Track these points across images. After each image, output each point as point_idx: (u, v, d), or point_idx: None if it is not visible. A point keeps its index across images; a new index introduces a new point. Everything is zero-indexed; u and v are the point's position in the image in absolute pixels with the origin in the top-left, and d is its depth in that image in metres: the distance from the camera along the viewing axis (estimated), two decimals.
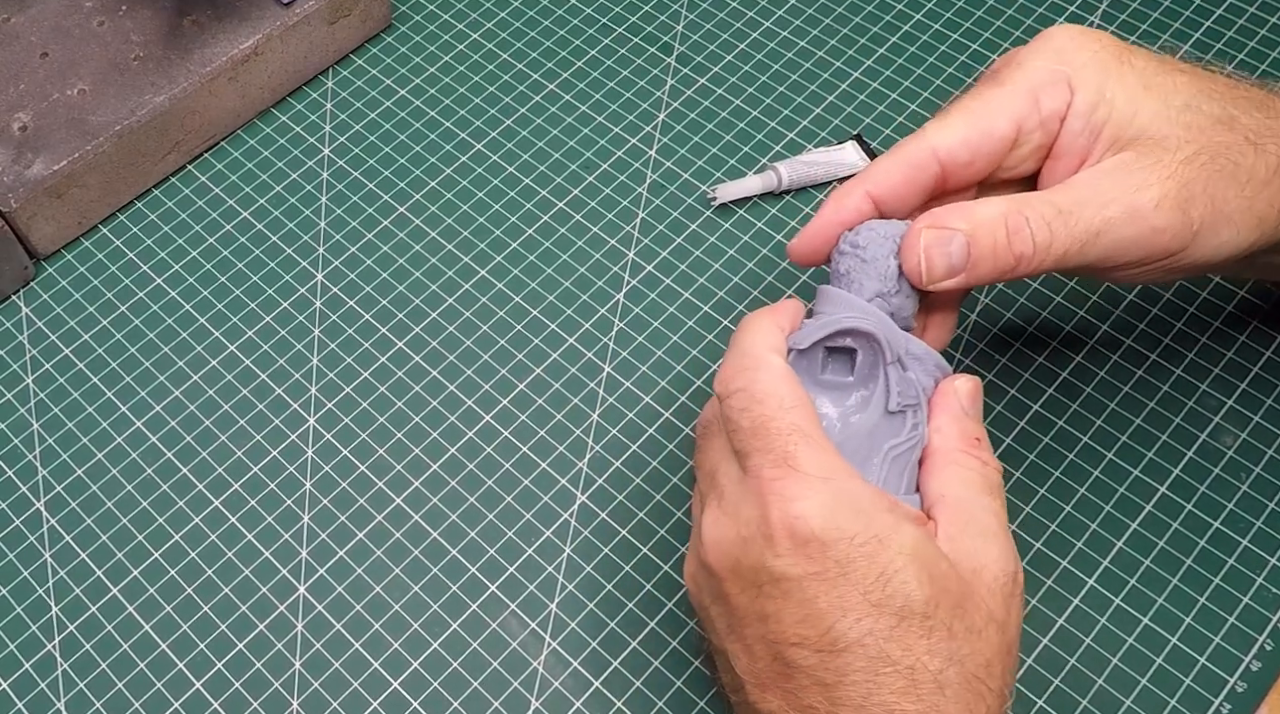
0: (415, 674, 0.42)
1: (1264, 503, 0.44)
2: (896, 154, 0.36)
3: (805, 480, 0.32)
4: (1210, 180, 0.34)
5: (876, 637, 0.31)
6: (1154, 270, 0.35)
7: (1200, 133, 0.34)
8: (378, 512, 0.45)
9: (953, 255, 0.34)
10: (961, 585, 0.32)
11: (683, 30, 0.58)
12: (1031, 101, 0.35)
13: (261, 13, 0.54)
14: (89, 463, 0.47)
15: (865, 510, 0.31)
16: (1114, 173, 0.34)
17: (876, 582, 0.31)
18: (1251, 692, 0.40)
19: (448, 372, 0.49)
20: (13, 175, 0.50)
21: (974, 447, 0.34)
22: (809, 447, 0.32)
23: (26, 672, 0.43)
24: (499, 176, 0.54)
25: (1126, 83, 0.35)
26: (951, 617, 0.31)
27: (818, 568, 0.31)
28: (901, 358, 0.35)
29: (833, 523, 0.31)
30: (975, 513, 0.33)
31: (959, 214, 0.34)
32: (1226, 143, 0.34)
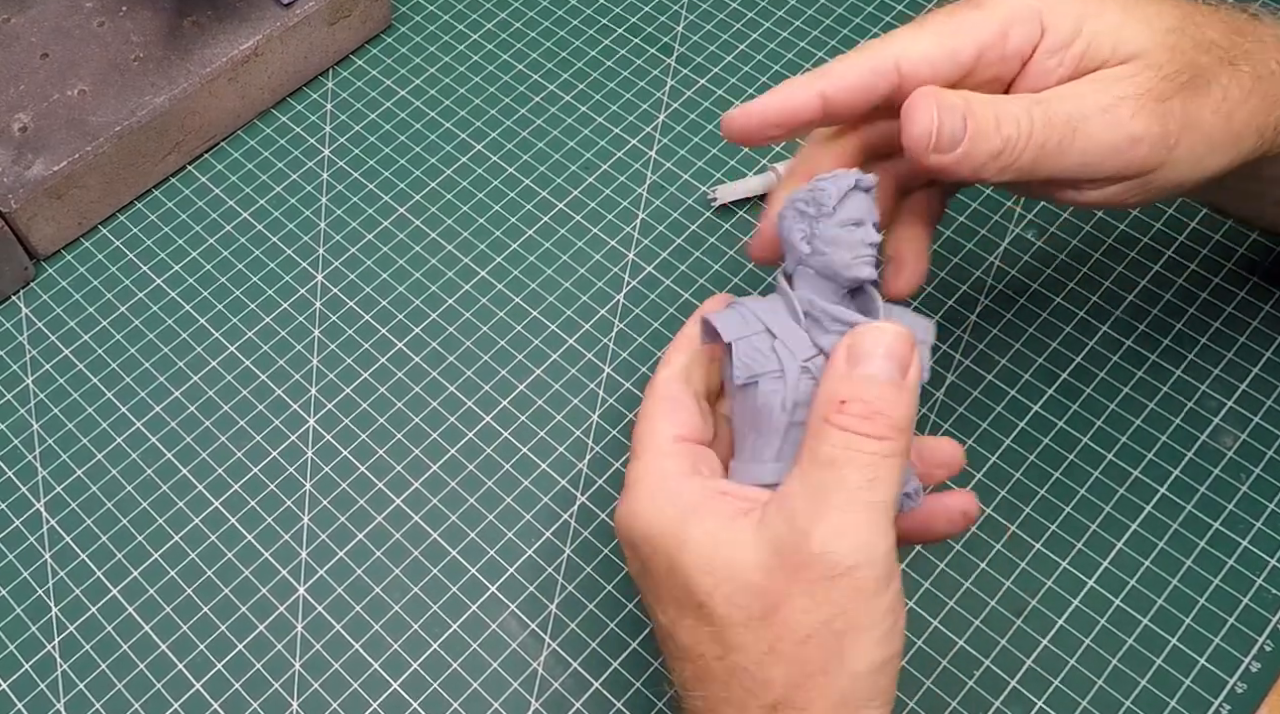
0: (415, 675, 0.42)
1: (1264, 504, 0.44)
2: (859, 56, 0.35)
3: (625, 490, 0.35)
4: (1189, 98, 0.34)
5: (675, 627, 0.33)
6: (1132, 188, 0.35)
7: (1181, 55, 0.34)
8: (377, 512, 0.45)
9: (955, 125, 0.33)
10: (754, 575, 0.31)
11: (683, 31, 0.58)
12: (1000, 34, 0.34)
13: (261, 13, 0.54)
14: (89, 463, 0.47)
15: (668, 509, 0.33)
16: (1095, 82, 0.34)
17: (667, 575, 0.33)
18: (1251, 692, 0.40)
19: (448, 372, 0.49)
20: (13, 176, 0.50)
21: (834, 411, 0.31)
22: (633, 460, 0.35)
23: (26, 672, 0.43)
24: (499, 177, 0.54)
25: (1106, 15, 0.34)
26: (732, 609, 0.32)
27: (638, 567, 0.35)
28: (773, 327, 0.34)
29: (639, 524, 0.34)
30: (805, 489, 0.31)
31: (951, 92, 0.33)
32: (1205, 63, 0.34)
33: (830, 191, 0.34)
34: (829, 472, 0.31)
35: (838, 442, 0.31)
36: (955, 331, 0.48)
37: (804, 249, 0.34)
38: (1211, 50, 0.35)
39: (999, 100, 0.34)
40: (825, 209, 0.34)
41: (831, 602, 0.30)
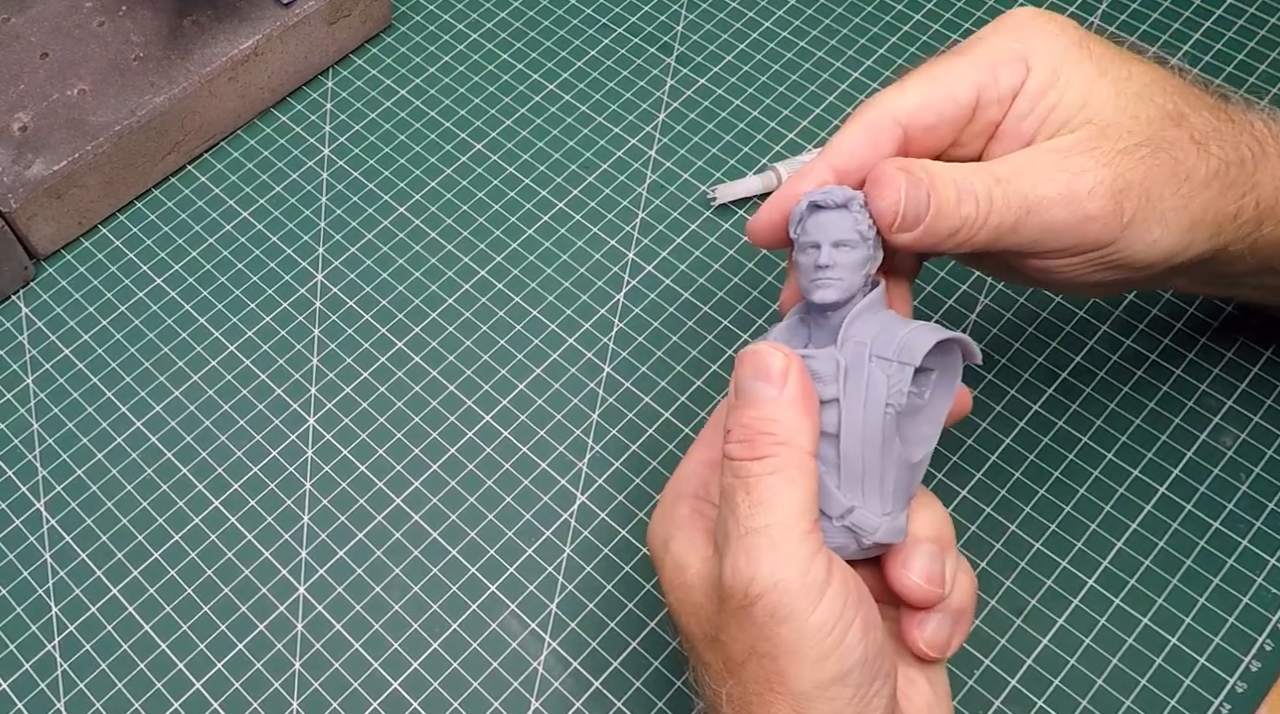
0: (415, 674, 0.42)
1: (1264, 503, 0.44)
2: (856, 123, 0.34)
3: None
4: (1148, 174, 0.33)
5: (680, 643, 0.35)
6: (1085, 263, 0.34)
7: (1147, 124, 0.33)
8: (377, 512, 0.45)
9: (920, 202, 0.32)
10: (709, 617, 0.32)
11: (683, 30, 0.58)
12: (992, 74, 0.34)
13: (261, 13, 0.54)
14: (89, 463, 0.47)
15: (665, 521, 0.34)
16: (1054, 154, 0.33)
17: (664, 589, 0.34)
18: (1251, 692, 0.40)
19: (448, 372, 0.49)
20: (13, 176, 0.50)
21: (726, 441, 0.32)
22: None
23: (26, 672, 0.43)
24: (499, 177, 0.54)
25: (1082, 68, 0.34)
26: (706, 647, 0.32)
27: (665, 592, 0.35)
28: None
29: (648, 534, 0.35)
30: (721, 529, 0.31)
31: (917, 164, 0.33)
32: (1171, 138, 0.33)
33: (792, 218, 0.34)
34: (725, 504, 0.31)
35: (728, 472, 0.31)
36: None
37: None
38: (1181, 124, 0.34)
39: (960, 173, 0.33)
40: (793, 235, 0.34)
41: (752, 629, 0.30)
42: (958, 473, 0.45)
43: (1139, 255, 0.34)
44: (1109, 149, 0.33)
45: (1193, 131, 0.34)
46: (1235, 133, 0.34)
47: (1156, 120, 0.33)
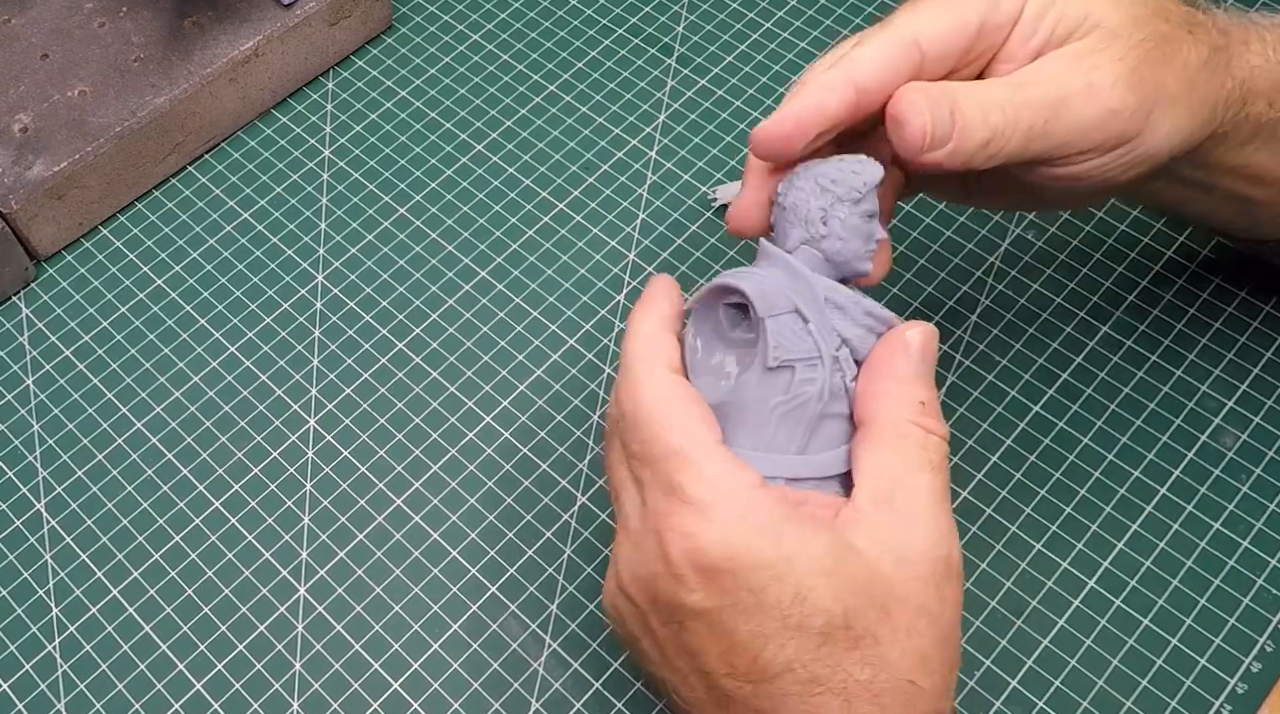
0: (415, 675, 0.42)
1: (1264, 504, 0.44)
2: (879, 41, 0.34)
3: (697, 510, 0.30)
4: (1156, 65, 0.34)
5: (803, 660, 0.30)
6: (1113, 160, 0.35)
7: (1145, 22, 0.34)
8: (378, 513, 0.45)
9: (944, 121, 0.33)
10: (884, 585, 0.30)
11: (683, 31, 0.58)
12: (992, 0, 0.34)
13: (262, 14, 0.54)
14: (89, 464, 0.47)
15: (767, 528, 0.30)
16: (1067, 58, 0.34)
17: (793, 603, 0.30)
18: (1252, 693, 0.40)
19: (448, 373, 0.49)
20: (13, 177, 0.50)
21: (920, 415, 0.32)
22: (692, 471, 0.31)
23: (27, 673, 0.43)
24: (499, 178, 0.54)
25: None
26: (876, 622, 0.30)
27: (731, 599, 0.30)
28: (803, 309, 0.32)
29: (736, 550, 0.30)
30: (908, 495, 0.31)
31: (934, 86, 0.33)
32: (1166, 31, 0.34)
33: (863, 177, 0.33)
34: (928, 476, 0.31)
35: (926, 445, 0.31)
36: (955, 332, 0.48)
37: (818, 229, 0.33)
38: (1170, 18, 0.35)
39: (980, 88, 0.33)
40: (854, 194, 0.33)
41: (956, 590, 0.31)
42: (958, 473, 0.45)
43: (1159, 145, 0.35)
44: (1119, 46, 0.34)
45: (1180, 22, 0.35)
46: (1212, 23, 0.36)
47: (1151, 18, 0.34)
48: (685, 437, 0.31)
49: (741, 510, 0.30)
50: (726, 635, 0.30)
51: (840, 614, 0.30)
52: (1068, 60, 0.34)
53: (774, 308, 0.32)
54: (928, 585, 0.31)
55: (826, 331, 0.33)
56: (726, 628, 0.30)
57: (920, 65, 0.34)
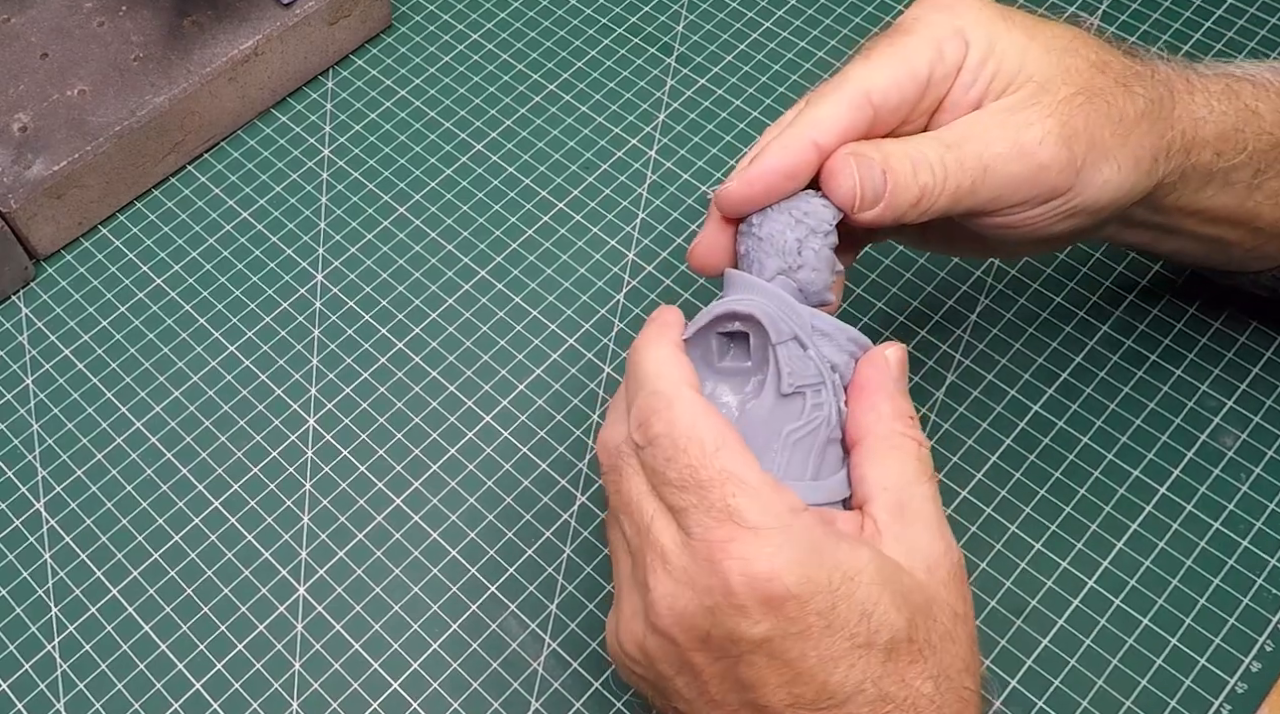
0: (415, 675, 0.42)
1: (1264, 504, 0.44)
2: (833, 100, 0.35)
3: (759, 536, 0.29)
4: (1089, 119, 0.34)
5: (873, 677, 0.30)
6: (1046, 213, 0.35)
7: (1078, 75, 0.35)
8: (377, 512, 0.45)
9: (876, 181, 0.34)
10: (924, 592, 0.31)
11: (683, 30, 0.58)
12: (939, 51, 0.35)
13: (261, 13, 0.54)
14: (89, 464, 0.47)
15: (821, 548, 0.30)
16: (998, 114, 0.35)
17: (860, 621, 0.30)
18: (1252, 692, 0.40)
19: (448, 372, 0.49)
20: (13, 176, 0.50)
21: (910, 427, 0.33)
22: (748, 494, 0.30)
23: (26, 672, 0.43)
24: (499, 177, 0.54)
25: (1013, 36, 0.35)
26: (928, 630, 0.31)
27: (800, 626, 0.29)
28: (801, 336, 0.33)
29: (804, 575, 0.29)
30: (917, 504, 0.32)
31: (868, 146, 0.34)
32: (1100, 84, 0.35)
33: (831, 209, 0.34)
34: (930, 484, 0.33)
35: (921, 454, 0.33)
36: (955, 331, 0.48)
37: (797, 259, 0.34)
38: (1106, 71, 0.35)
39: (912, 146, 0.34)
40: (825, 227, 0.34)
41: (969, 591, 0.33)
42: (958, 473, 0.45)
43: (1094, 197, 0.35)
44: (1049, 101, 0.34)
45: (1117, 76, 0.35)
46: (1150, 75, 0.36)
47: (1086, 70, 0.35)
48: (733, 459, 0.30)
49: (798, 534, 0.30)
50: (792, 664, 0.30)
51: (904, 626, 0.30)
52: (999, 115, 0.35)
53: (781, 335, 0.33)
54: (953, 589, 0.32)
55: (821, 357, 0.34)
56: (793, 656, 0.30)
57: (873, 120, 0.35)
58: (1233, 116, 0.37)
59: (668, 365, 0.33)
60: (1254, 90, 0.38)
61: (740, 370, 0.35)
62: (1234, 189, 0.38)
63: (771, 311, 0.33)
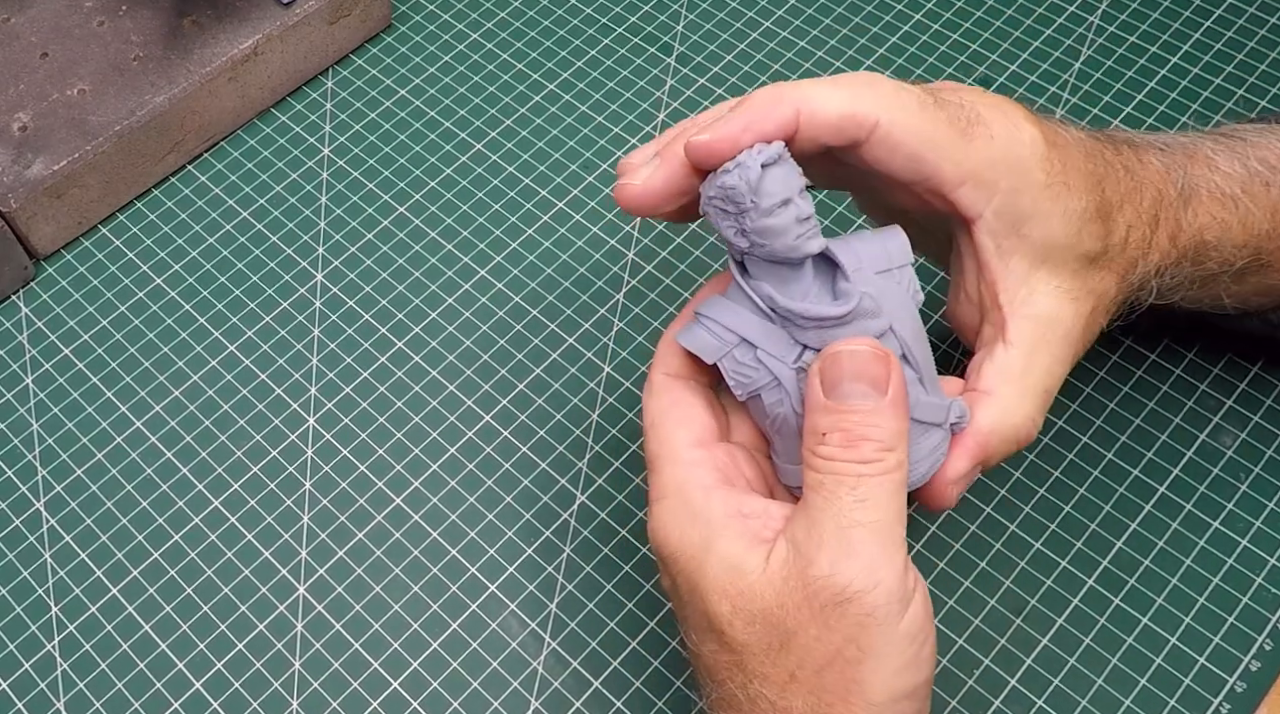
0: (415, 674, 0.42)
1: (1263, 503, 0.44)
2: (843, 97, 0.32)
3: (652, 505, 0.34)
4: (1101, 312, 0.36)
5: (707, 654, 0.32)
6: None
7: (1091, 279, 0.35)
8: (377, 512, 0.45)
9: (973, 480, 0.35)
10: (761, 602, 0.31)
11: (683, 30, 0.58)
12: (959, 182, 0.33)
13: (261, 13, 0.54)
14: (89, 463, 0.47)
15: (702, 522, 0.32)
16: (1050, 346, 0.36)
17: (692, 596, 0.32)
18: (1251, 692, 0.40)
19: (447, 372, 0.49)
20: (12, 175, 0.50)
21: (818, 443, 0.31)
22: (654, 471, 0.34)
23: (26, 672, 0.43)
24: (499, 177, 0.54)
25: (1050, 225, 0.34)
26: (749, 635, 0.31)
27: (672, 584, 0.33)
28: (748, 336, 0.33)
29: (671, 541, 0.33)
30: (815, 523, 0.31)
31: (980, 452, 0.34)
32: (1103, 289, 0.36)
33: (740, 188, 0.32)
34: (820, 497, 0.31)
35: (824, 469, 0.31)
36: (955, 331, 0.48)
37: (742, 244, 0.32)
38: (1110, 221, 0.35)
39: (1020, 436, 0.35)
40: (745, 205, 0.32)
41: (842, 629, 0.30)
42: None
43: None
44: (1081, 323, 0.35)
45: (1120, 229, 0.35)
46: (1142, 199, 0.36)
47: (1095, 277, 0.35)
48: (658, 440, 0.34)
49: (678, 508, 0.33)
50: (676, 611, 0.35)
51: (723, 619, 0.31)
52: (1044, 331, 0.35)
53: (718, 348, 0.33)
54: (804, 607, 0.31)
55: (780, 348, 0.33)
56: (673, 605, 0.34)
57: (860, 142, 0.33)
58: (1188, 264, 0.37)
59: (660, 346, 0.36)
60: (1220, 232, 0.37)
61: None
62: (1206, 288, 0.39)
63: (702, 330, 0.34)
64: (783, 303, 0.32)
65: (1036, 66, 0.55)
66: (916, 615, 0.30)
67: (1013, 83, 0.55)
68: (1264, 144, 0.38)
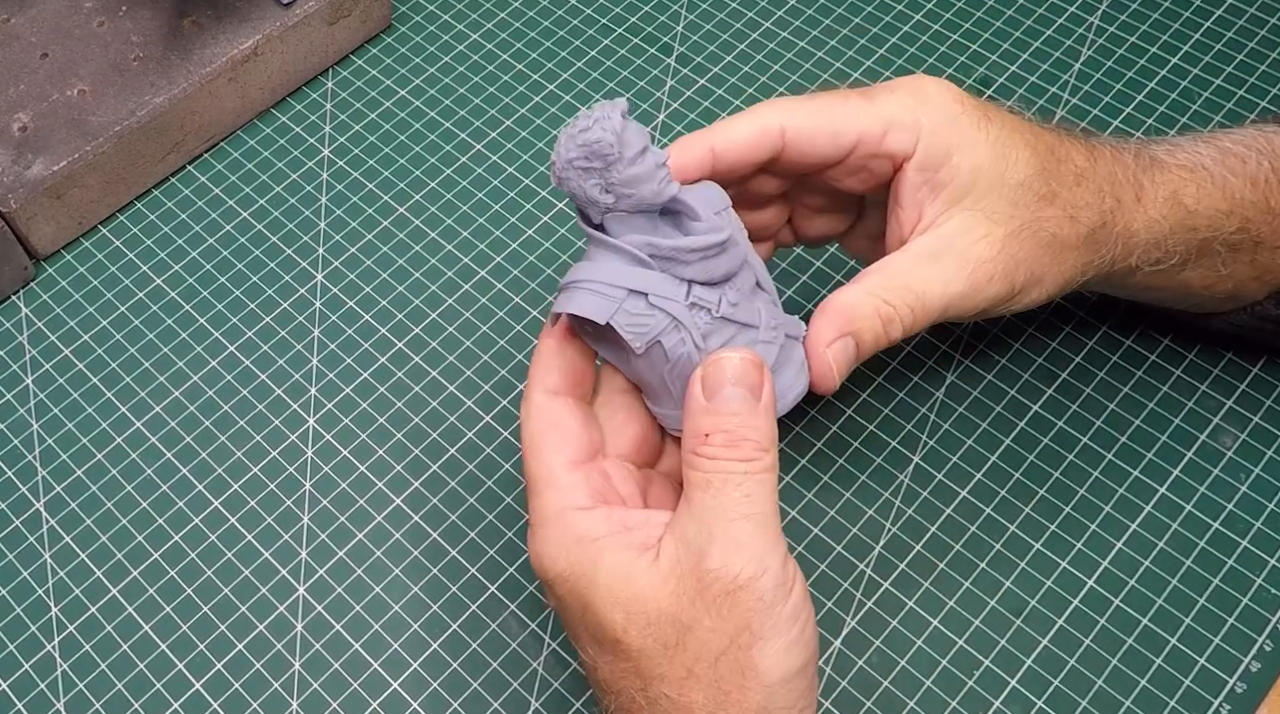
0: (415, 675, 0.42)
1: (1263, 504, 0.44)
2: (749, 119, 0.37)
3: (532, 531, 0.34)
4: (1030, 251, 0.37)
5: (595, 665, 0.34)
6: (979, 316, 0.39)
7: (1026, 209, 0.37)
8: (377, 512, 0.45)
9: (849, 356, 0.36)
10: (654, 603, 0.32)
11: (683, 30, 0.58)
12: (880, 131, 0.37)
13: (261, 13, 0.54)
14: (89, 463, 0.47)
15: (575, 544, 0.33)
16: (953, 251, 0.37)
17: (585, 613, 0.33)
18: (1251, 692, 0.40)
19: (447, 372, 0.49)
20: (12, 176, 0.50)
21: (701, 443, 0.33)
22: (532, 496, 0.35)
23: (26, 672, 0.43)
24: (499, 177, 0.54)
25: (976, 151, 0.37)
26: (644, 638, 0.32)
27: (566, 604, 0.34)
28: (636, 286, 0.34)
29: (551, 565, 0.34)
30: (704, 520, 0.32)
31: (840, 317, 0.36)
32: (1047, 217, 0.37)
33: (607, 139, 0.33)
34: (708, 495, 0.33)
35: (709, 468, 0.33)
36: (955, 331, 0.48)
37: (608, 200, 0.33)
38: (1056, 202, 0.37)
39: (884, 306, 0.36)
40: (612, 157, 0.33)
41: (735, 617, 0.32)
42: (958, 473, 0.45)
43: (1019, 309, 0.39)
44: (999, 235, 0.37)
45: (1064, 207, 0.37)
46: (1098, 198, 0.38)
47: (1033, 204, 0.37)
48: (536, 464, 0.35)
49: (559, 531, 0.34)
50: (568, 630, 0.35)
51: (617, 627, 0.32)
52: (952, 254, 0.37)
53: (609, 310, 0.34)
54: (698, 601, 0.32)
55: (669, 289, 0.34)
56: (565, 625, 0.35)
57: (779, 152, 0.37)
58: (1169, 224, 0.39)
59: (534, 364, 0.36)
60: (1197, 192, 0.39)
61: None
62: (1159, 274, 0.40)
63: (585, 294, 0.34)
64: (666, 244, 0.34)
65: (1036, 67, 0.55)
66: (797, 597, 0.32)
67: (1013, 83, 0.55)
68: (1236, 132, 0.41)
